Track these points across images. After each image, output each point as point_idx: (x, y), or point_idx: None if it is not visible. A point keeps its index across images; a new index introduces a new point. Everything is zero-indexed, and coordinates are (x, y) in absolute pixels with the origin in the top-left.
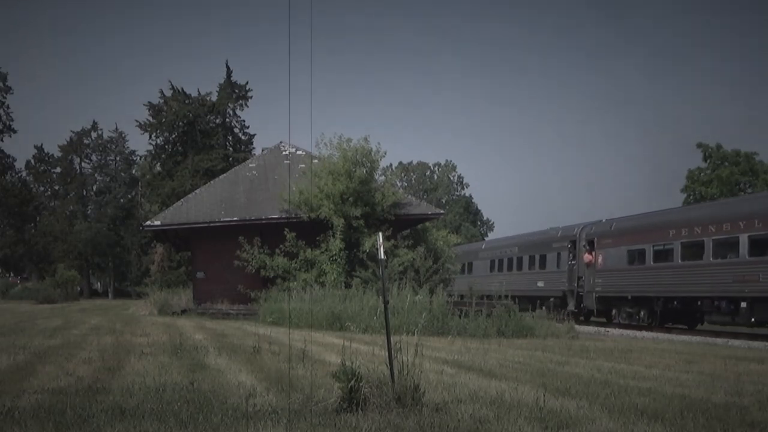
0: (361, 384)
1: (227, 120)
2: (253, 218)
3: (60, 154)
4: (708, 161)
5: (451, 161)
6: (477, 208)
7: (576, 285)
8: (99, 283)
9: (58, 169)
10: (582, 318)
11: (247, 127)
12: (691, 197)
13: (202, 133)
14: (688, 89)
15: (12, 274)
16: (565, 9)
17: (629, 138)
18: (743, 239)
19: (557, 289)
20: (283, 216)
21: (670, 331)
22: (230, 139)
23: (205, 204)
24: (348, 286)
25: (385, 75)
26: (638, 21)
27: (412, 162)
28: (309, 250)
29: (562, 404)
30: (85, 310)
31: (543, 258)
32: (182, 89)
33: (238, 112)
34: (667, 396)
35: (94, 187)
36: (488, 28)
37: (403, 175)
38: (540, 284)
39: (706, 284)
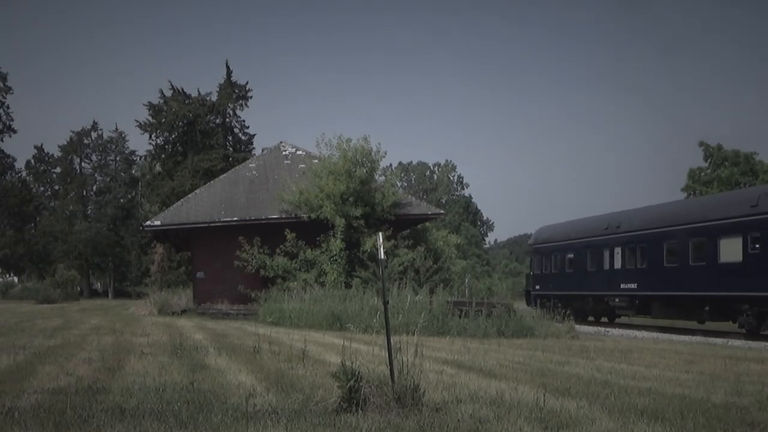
0: (361, 384)
1: (227, 120)
2: (253, 218)
3: (60, 154)
4: (709, 160)
5: (451, 161)
6: (477, 208)
7: None
8: (99, 283)
9: (58, 169)
10: None
11: (247, 127)
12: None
13: (202, 133)
14: (690, 88)
15: (12, 274)
16: (567, 8)
17: (629, 137)
18: None
19: None
20: (283, 216)
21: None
22: (230, 139)
23: (205, 204)
24: (348, 286)
25: (385, 75)
26: (640, 20)
27: (412, 162)
28: (309, 250)
29: (562, 404)
30: (85, 310)
31: None
32: (182, 89)
33: (238, 112)
34: (667, 396)
35: (94, 187)
36: (489, 28)
37: (403, 175)
38: None
39: None
